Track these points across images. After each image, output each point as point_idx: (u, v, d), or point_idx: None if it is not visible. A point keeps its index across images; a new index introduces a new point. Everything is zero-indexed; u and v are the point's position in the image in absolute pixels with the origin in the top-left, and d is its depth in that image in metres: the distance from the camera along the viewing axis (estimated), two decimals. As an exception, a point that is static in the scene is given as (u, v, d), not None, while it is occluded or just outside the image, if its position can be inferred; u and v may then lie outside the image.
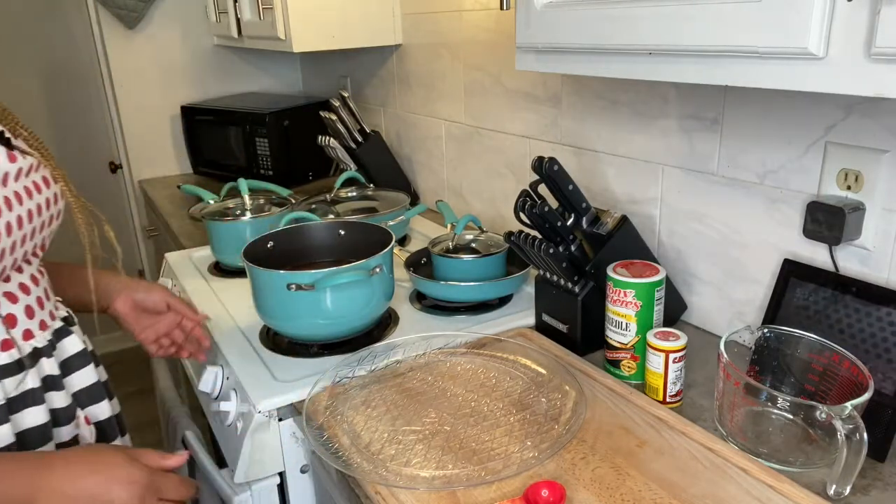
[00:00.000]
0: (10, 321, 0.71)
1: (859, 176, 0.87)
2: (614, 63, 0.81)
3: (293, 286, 1.03)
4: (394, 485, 0.77)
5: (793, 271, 0.94)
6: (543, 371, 1.00)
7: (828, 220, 0.88)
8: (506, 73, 1.48)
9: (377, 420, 0.90)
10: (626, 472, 0.77)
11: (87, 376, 0.84)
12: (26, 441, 0.74)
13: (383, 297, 1.13)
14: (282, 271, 1.05)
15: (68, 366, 0.82)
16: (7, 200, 0.69)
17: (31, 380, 0.74)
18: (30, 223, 0.72)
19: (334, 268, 1.04)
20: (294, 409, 0.97)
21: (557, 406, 0.91)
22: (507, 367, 1.02)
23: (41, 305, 0.76)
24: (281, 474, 1.00)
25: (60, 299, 0.86)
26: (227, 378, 1.07)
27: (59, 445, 0.79)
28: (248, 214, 1.48)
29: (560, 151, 1.37)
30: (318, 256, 1.27)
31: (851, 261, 0.90)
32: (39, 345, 0.76)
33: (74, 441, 0.81)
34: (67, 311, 0.85)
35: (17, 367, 0.73)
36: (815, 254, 0.94)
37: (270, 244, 1.21)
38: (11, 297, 0.72)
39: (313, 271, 1.03)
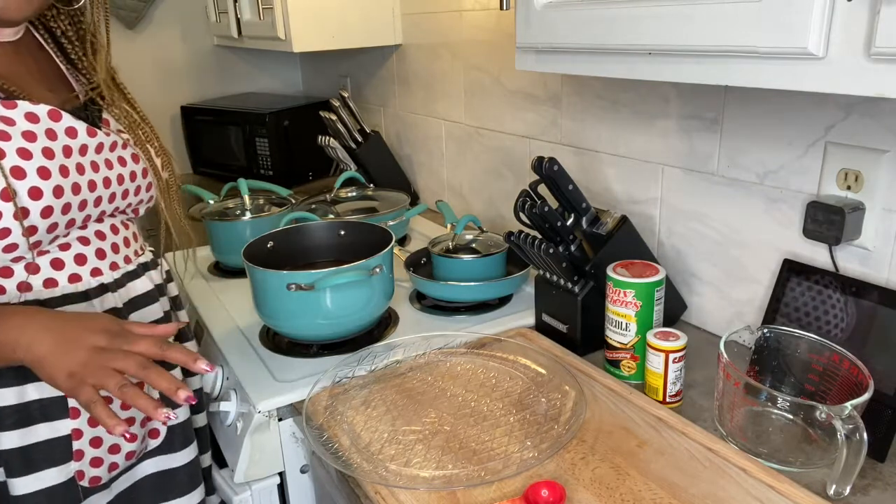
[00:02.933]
0: (80, 259, 0.82)
1: (859, 176, 0.87)
2: (614, 63, 0.81)
3: (293, 286, 1.03)
4: (394, 485, 0.77)
5: (793, 271, 0.94)
6: (543, 371, 1.00)
7: (828, 220, 0.88)
8: (506, 73, 1.48)
9: (377, 420, 0.90)
10: (626, 472, 0.77)
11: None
12: None
13: (383, 297, 1.13)
14: (282, 271, 1.05)
15: (134, 304, 0.88)
16: (82, 167, 0.79)
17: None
18: (106, 188, 0.82)
19: (334, 268, 1.04)
20: (294, 409, 0.97)
21: (557, 406, 0.91)
22: (506, 367, 1.02)
23: (115, 250, 0.86)
24: (281, 474, 1.00)
25: (150, 247, 0.95)
26: (227, 378, 1.07)
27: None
28: (248, 214, 1.48)
29: (560, 151, 1.37)
30: (318, 256, 1.27)
31: (851, 261, 0.90)
32: (105, 281, 0.84)
33: None
34: (149, 258, 0.93)
35: (84, 297, 0.81)
36: (815, 254, 0.94)
37: (270, 244, 1.21)
38: (84, 241, 0.82)
39: (313, 271, 1.03)
